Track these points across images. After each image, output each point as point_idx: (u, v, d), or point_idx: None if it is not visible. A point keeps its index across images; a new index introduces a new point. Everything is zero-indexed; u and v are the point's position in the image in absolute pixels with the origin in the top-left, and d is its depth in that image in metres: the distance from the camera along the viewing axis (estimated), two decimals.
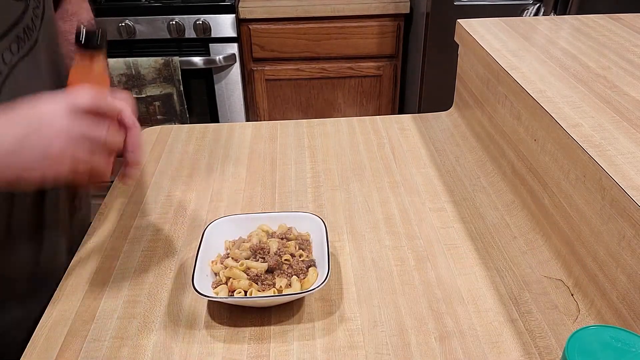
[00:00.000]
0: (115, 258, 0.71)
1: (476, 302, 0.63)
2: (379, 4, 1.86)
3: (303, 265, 0.65)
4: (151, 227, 0.77)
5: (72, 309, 0.64)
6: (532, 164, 0.75)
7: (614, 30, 0.96)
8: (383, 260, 0.70)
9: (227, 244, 0.69)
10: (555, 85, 0.76)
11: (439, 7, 1.67)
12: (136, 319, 0.62)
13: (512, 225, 0.75)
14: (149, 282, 0.67)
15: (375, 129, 1.02)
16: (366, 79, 2.02)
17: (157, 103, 1.94)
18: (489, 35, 0.94)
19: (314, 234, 0.69)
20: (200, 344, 0.59)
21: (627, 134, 0.64)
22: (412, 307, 0.63)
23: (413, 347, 0.58)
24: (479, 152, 0.91)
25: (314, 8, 1.84)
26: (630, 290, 0.55)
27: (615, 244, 0.57)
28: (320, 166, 0.91)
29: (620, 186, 0.55)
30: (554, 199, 0.69)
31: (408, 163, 0.91)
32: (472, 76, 0.97)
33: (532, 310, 0.62)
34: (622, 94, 0.73)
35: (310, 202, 0.82)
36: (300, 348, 0.58)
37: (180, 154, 0.95)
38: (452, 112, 1.06)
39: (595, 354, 0.42)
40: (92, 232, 0.76)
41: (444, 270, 0.68)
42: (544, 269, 0.67)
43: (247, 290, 0.62)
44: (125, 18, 1.77)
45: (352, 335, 0.60)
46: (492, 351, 0.57)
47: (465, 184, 0.85)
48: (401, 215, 0.78)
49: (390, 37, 1.93)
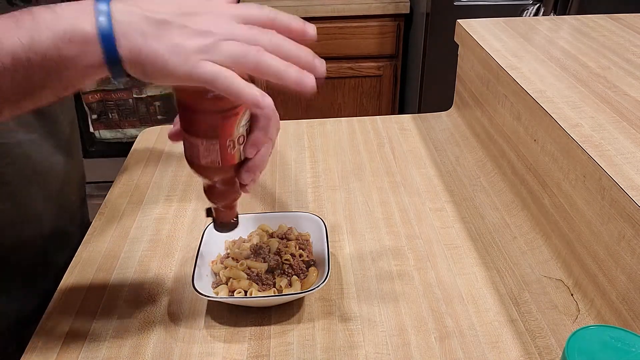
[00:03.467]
0: (115, 258, 0.71)
1: (476, 302, 0.63)
2: (379, 4, 1.86)
3: (303, 265, 0.65)
4: (151, 227, 0.77)
5: (72, 308, 0.64)
6: (532, 164, 0.75)
7: (614, 30, 0.96)
8: (383, 260, 0.70)
9: (227, 244, 0.69)
10: (555, 85, 0.76)
11: (439, 7, 1.67)
12: (136, 319, 0.62)
13: (512, 225, 0.75)
14: (149, 282, 0.67)
15: (375, 129, 1.02)
16: (366, 79, 2.02)
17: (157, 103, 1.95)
18: (488, 35, 0.94)
19: (314, 234, 0.69)
20: (200, 344, 0.59)
21: (627, 134, 0.64)
22: (412, 307, 0.63)
23: (413, 347, 0.58)
24: (479, 152, 0.91)
25: (314, 8, 1.84)
26: (630, 290, 0.55)
27: (615, 244, 0.57)
28: (320, 166, 0.91)
29: (620, 186, 0.55)
30: (553, 199, 0.69)
31: (408, 163, 0.91)
32: (472, 76, 0.97)
33: (532, 310, 0.62)
34: (622, 94, 0.73)
35: (310, 202, 0.82)
36: (300, 348, 0.58)
37: (180, 154, 0.95)
38: (452, 112, 1.06)
39: (595, 354, 0.42)
40: (92, 232, 0.76)
41: (444, 270, 0.68)
42: (543, 269, 0.67)
43: (247, 290, 0.62)
44: None
45: (352, 335, 0.60)
46: (492, 351, 0.57)
47: (465, 184, 0.85)
48: (401, 215, 0.78)
49: (390, 37, 1.93)
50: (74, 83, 0.42)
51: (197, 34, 0.41)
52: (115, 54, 0.40)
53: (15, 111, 0.43)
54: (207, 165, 0.49)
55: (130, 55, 0.40)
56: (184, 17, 0.41)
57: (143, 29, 0.40)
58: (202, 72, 0.40)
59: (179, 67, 0.40)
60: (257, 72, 0.42)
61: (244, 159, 0.50)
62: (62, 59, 0.40)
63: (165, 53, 0.40)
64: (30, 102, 0.43)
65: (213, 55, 0.41)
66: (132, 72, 0.41)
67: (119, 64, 0.41)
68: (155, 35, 0.40)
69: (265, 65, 0.42)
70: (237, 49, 0.41)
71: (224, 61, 0.41)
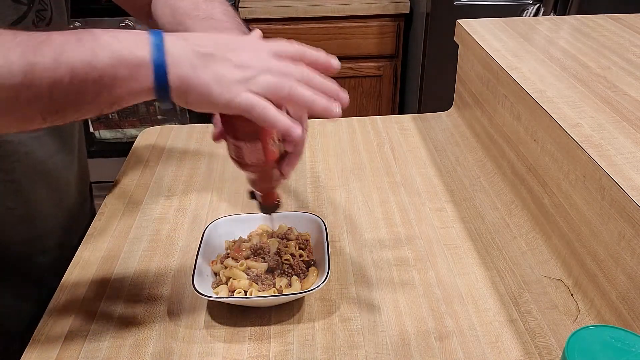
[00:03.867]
0: (115, 258, 0.71)
1: (476, 302, 0.63)
2: (379, 4, 1.86)
3: (303, 265, 0.65)
4: (151, 227, 0.77)
5: (72, 308, 0.64)
6: (532, 164, 0.75)
7: (614, 30, 0.96)
8: (383, 260, 0.70)
9: (227, 244, 0.69)
10: (555, 85, 0.76)
11: (439, 7, 1.67)
12: (136, 319, 0.62)
13: (512, 225, 0.75)
14: (149, 282, 0.67)
15: (375, 129, 1.02)
16: (366, 79, 2.02)
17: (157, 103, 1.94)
18: (488, 35, 0.94)
19: (314, 234, 0.69)
20: (200, 344, 0.59)
21: (627, 134, 0.64)
22: (412, 307, 0.63)
23: (413, 347, 0.58)
24: (479, 152, 0.91)
25: (314, 8, 1.84)
26: (630, 290, 0.55)
27: (615, 244, 0.57)
28: (320, 166, 0.91)
29: (620, 186, 0.55)
30: (553, 199, 0.69)
31: (408, 163, 0.91)
32: (472, 76, 0.97)
33: (532, 310, 0.62)
34: (622, 94, 0.73)
35: (310, 202, 0.82)
36: (300, 348, 0.58)
37: (180, 154, 0.95)
38: (452, 112, 1.06)
39: (595, 354, 0.42)
40: (92, 232, 0.76)
41: (444, 270, 0.68)
42: (543, 269, 0.67)
43: (247, 290, 0.62)
44: (126, 18, 1.77)
45: (352, 335, 0.60)
46: (492, 351, 0.57)
47: (465, 184, 0.85)
48: (401, 215, 0.78)
49: (390, 37, 1.93)
50: (119, 102, 0.45)
51: (238, 67, 0.46)
52: (165, 81, 0.44)
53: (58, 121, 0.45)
54: (252, 164, 0.52)
55: (179, 83, 0.44)
56: (227, 51, 0.46)
57: (192, 60, 0.45)
58: (240, 102, 0.45)
59: (221, 96, 0.45)
60: (290, 101, 0.47)
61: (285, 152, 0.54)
62: (115, 79, 0.43)
63: (211, 82, 0.45)
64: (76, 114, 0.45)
65: (252, 86, 0.45)
66: (177, 98, 0.45)
67: (167, 90, 0.45)
68: (202, 66, 0.45)
69: (297, 95, 0.46)
70: (273, 81, 0.46)
71: (261, 92, 0.46)
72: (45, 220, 0.71)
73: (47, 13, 0.62)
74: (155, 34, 0.45)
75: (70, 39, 0.43)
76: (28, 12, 0.59)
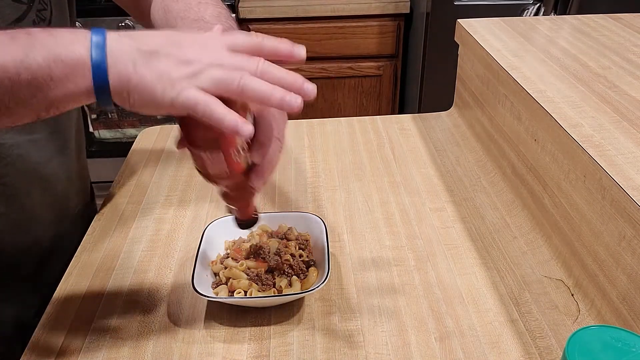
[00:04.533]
0: (115, 258, 0.71)
1: (476, 302, 0.63)
2: (379, 4, 1.86)
3: (303, 265, 0.65)
4: (151, 227, 0.77)
5: (72, 308, 0.64)
6: (532, 164, 0.74)
7: (614, 30, 0.96)
8: (383, 260, 0.70)
9: (227, 244, 0.69)
10: (555, 85, 0.76)
11: (439, 7, 1.67)
12: (136, 319, 0.62)
13: (512, 225, 0.75)
14: (149, 282, 0.67)
15: (375, 129, 1.02)
16: (366, 79, 2.02)
17: None
18: (489, 35, 0.94)
19: (314, 234, 0.69)
20: (200, 344, 0.59)
21: (627, 133, 0.64)
22: (412, 307, 0.63)
23: (413, 347, 0.58)
24: (479, 152, 0.91)
25: (314, 8, 1.84)
26: (630, 290, 0.55)
27: (615, 244, 0.57)
28: (320, 166, 0.91)
29: (620, 186, 0.55)
30: (554, 199, 0.69)
31: (408, 163, 0.91)
32: (472, 76, 0.97)
33: (532, 311, 0.62)
34: (622, 93, 0.73)
35: (310, 202, 0.82)
36: (300, 348, 0.58)
37: (180, 153, 0.95)
38: (452, 112, 1.06)
39: (596, 354, 0.42)
40: (92, 232, 0.76)
41: (444, 270, 0.68)
42: (544, 269, 0.67)
43: (247, 290, 0.62)
44: (126, 18, 1.77)
45: (352, 335, 0.60)
46: (492, 351, 0.57)
47: (465, 184, 0.85)
48: (401, 215, 0.78)
49: (390, 37, 1.93)
50: (57, 105, 0.43)
51: (183, 63, 0.43)
52: (104, 81, 0.41)
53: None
54: (215, 174, 0.49)
55: (118, 83, 0.42)
56: (172, 47, 0.43)
57: (134, 58, 0.42)
58: (184, 99, 0.42)
59: (165, 94, 0.42)
60: (243, 96, 0.43)
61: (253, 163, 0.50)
62: (51, 80, 0.41)
63: (153, 80, 0.42)
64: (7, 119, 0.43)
65: (198, 82, 0.42)
66: (118, 100, 0.43)
67: (107, 91, 0.42)
68: (144, 64, 0.42)
69: (250, 88, 0.43)
70: (221, 75, 0.43)
71: (209, 87, 0.42)
72: (42, 225, 0.70)
73: (47, 13, 0.62)
74: (97, 31, 0.42)
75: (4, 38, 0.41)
76: (28, 11, 0.59)
